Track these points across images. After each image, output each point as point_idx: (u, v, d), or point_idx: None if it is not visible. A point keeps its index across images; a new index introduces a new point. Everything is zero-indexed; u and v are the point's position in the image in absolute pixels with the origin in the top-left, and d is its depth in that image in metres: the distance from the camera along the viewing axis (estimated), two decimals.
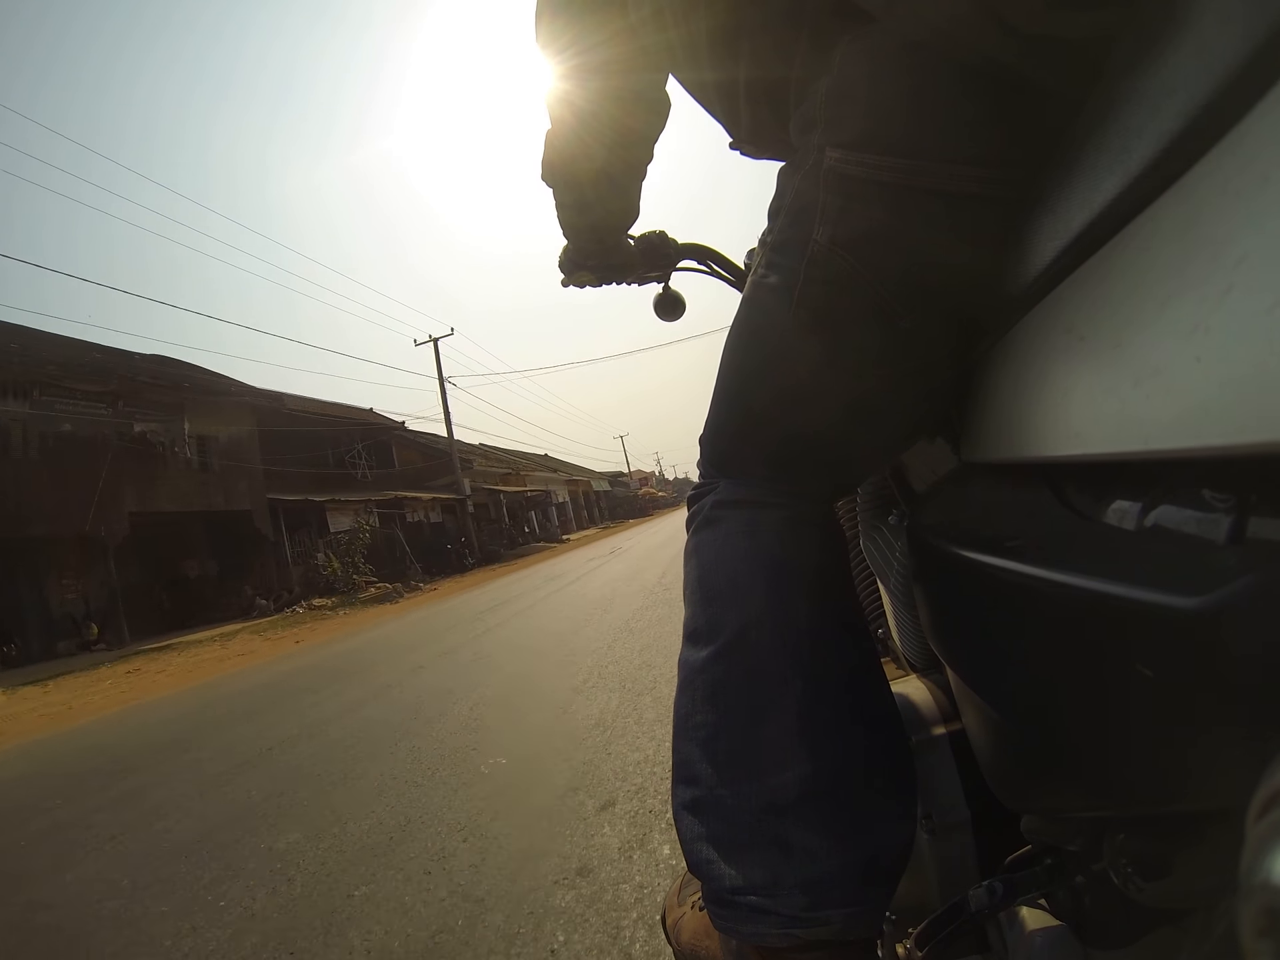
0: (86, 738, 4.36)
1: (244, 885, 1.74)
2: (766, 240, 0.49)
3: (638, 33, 0.55)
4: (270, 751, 3.03)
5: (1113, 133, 0.28)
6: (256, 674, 5.92)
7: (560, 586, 8.68)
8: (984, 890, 0.46)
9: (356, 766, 2.56)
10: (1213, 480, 0.23)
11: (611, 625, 4.63)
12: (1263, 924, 0.14)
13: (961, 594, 0.39)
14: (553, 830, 1.70)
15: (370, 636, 7.33)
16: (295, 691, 4.53)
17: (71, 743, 4.29)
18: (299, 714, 3.72)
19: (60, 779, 3.29)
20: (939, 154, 0.37)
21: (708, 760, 0.47)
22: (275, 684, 5.09)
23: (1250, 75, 0.21)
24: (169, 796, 2.65)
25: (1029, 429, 0.34)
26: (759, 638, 0.47)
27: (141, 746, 3.73)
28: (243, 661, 7.16)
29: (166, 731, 4.04)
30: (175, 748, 3.47)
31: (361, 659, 5.61)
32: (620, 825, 1.65)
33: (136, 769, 3.17)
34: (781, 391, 0.49)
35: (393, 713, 3.34)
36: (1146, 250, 0.25)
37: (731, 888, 0.44)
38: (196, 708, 4.71)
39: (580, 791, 1.90)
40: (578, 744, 2.30)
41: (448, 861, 1.65)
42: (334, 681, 4.61)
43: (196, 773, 2.90)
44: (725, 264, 0.93)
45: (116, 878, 1.94)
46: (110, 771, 3.22)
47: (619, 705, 2.69)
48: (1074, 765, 0.33)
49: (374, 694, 3.90)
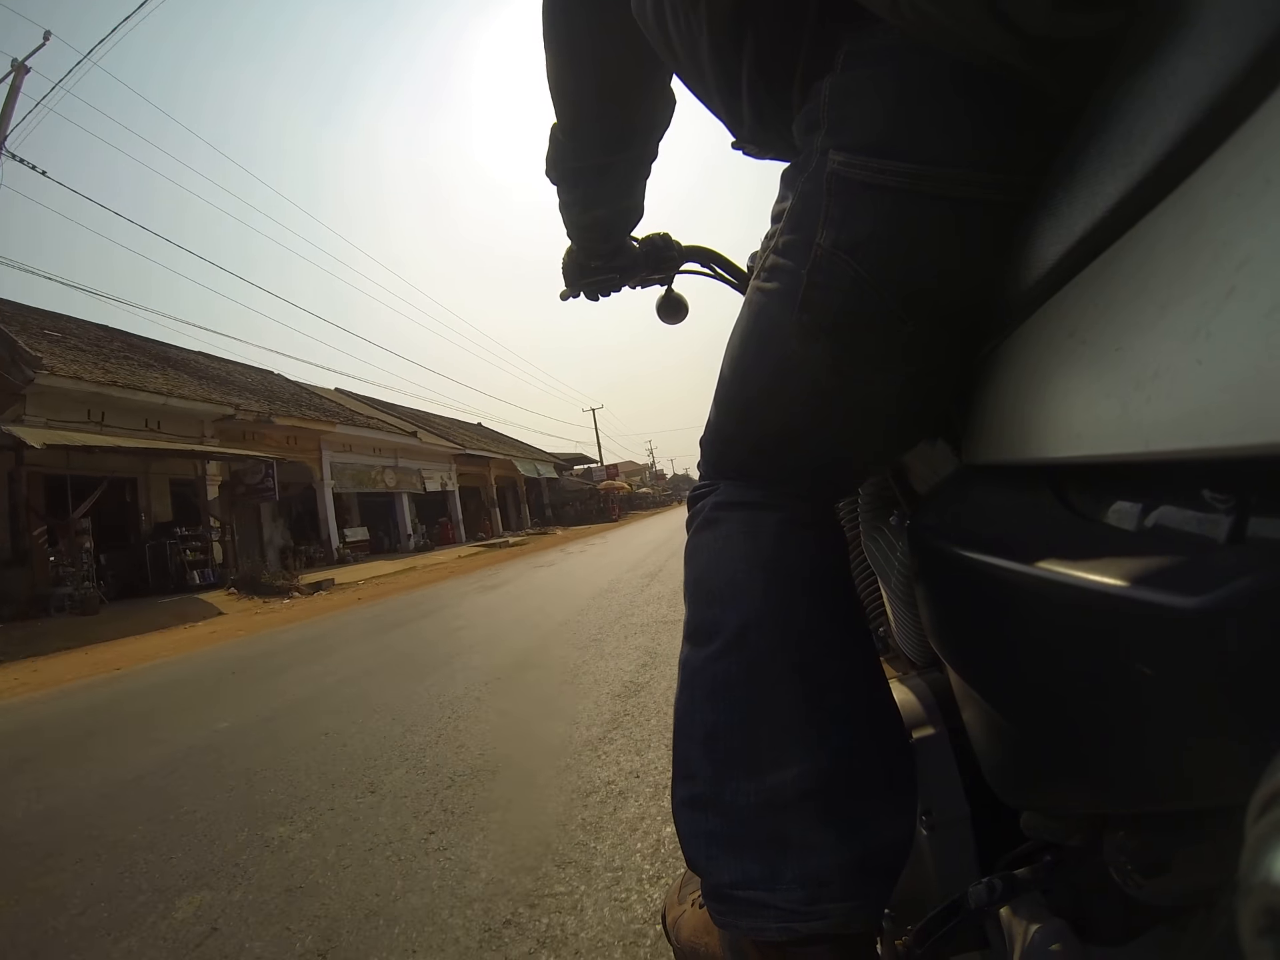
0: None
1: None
2: (769, 243, 0.49)
3: (639, 28, 0.55)
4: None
5: (1116, 136, 0.28)
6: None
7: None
8: (983, 887, 0.47)
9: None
10: (1213, 481, 0.23)
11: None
12: (1263, 923, 0.15)
13: (962, 594, 0.39)
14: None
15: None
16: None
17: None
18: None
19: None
20: (943, 158, 0.37)
21: (707, 758, 0.47)
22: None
23: (1253, 78, 0.21)
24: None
25: (1030, 431, 0.34)
26: (758, 637, 0.47)
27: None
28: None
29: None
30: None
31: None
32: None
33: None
34: (782, 395, 0.49)
35: None
36: (1148, 254, 0.25)
37: (730, 882, 0.44)
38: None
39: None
40: None
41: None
42: None
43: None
44: (728, 266, 0.93)
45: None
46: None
47: None
48: (1073, 763, 0.33)
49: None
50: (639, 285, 0.95)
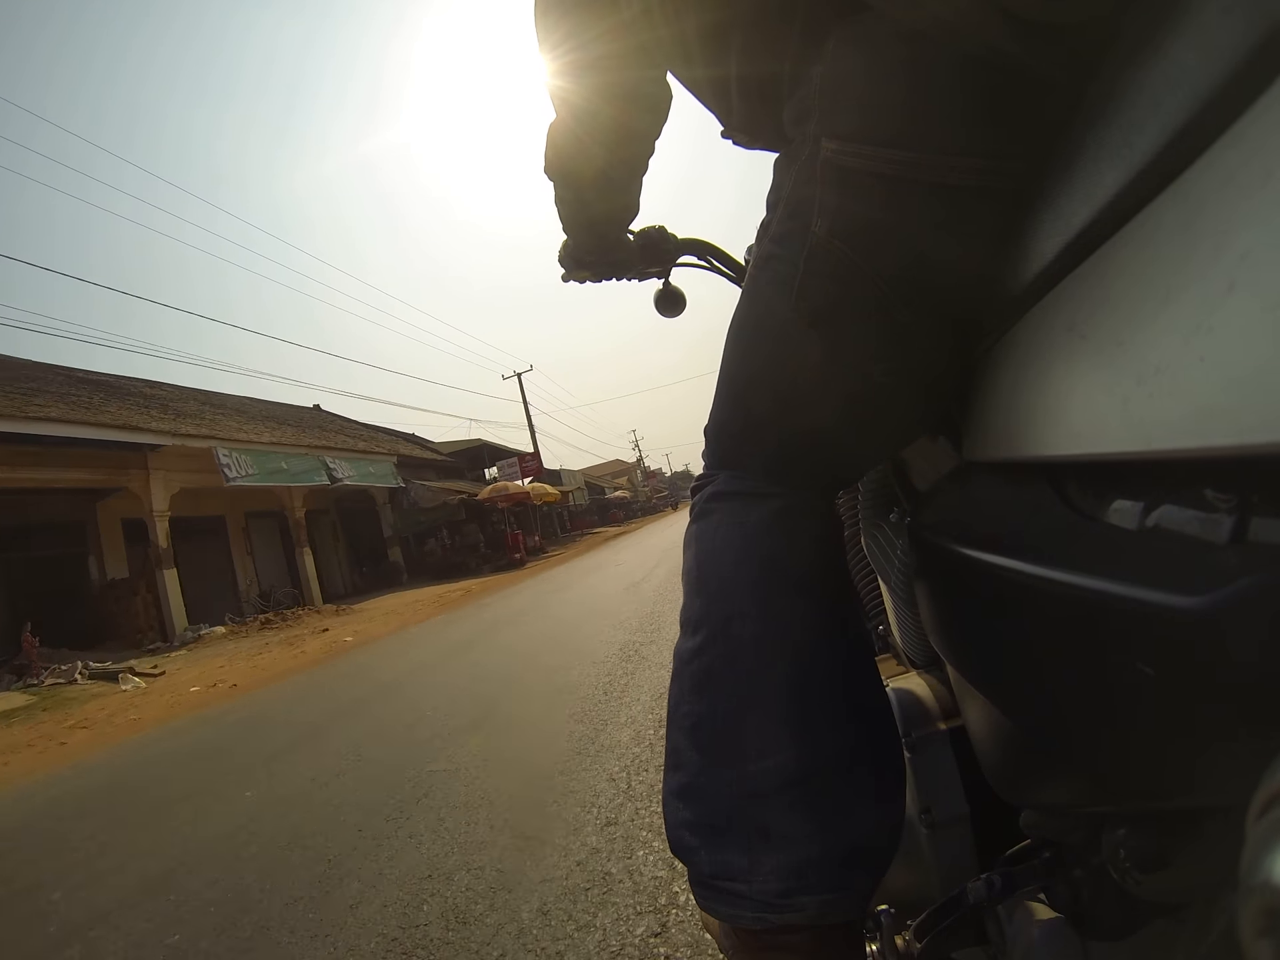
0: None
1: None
2: (765, 232, 0.49)
3: (629, 29, 0.55)
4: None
5: (1114, 127, 0.28)
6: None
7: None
8: (983, 883, 0.47)
9: None
10: (1215, 480, 0.23)
11: None
12: (1262, 924, 0.15)
13: (962, 592, 0.39)
14: None
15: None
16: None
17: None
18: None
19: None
20: (937, 146, 0.37)
21: (693, 748, 0.48)
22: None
23: (1252, 69, 0.20)
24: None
25: (1031, 428, 0.34)
26: (743, 628, 0.47)
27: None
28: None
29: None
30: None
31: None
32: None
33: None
34: (780, 384, 0.49)
35: None
36: (1148, 247, 0.25)
37: (711, 872, 0.45)
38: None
39: None
40: None
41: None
42: None
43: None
44: (725, 259, 0.93)
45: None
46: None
47: None
48: (1073, 761, 0.33)
49: None
50: (636, 278, 0.95)
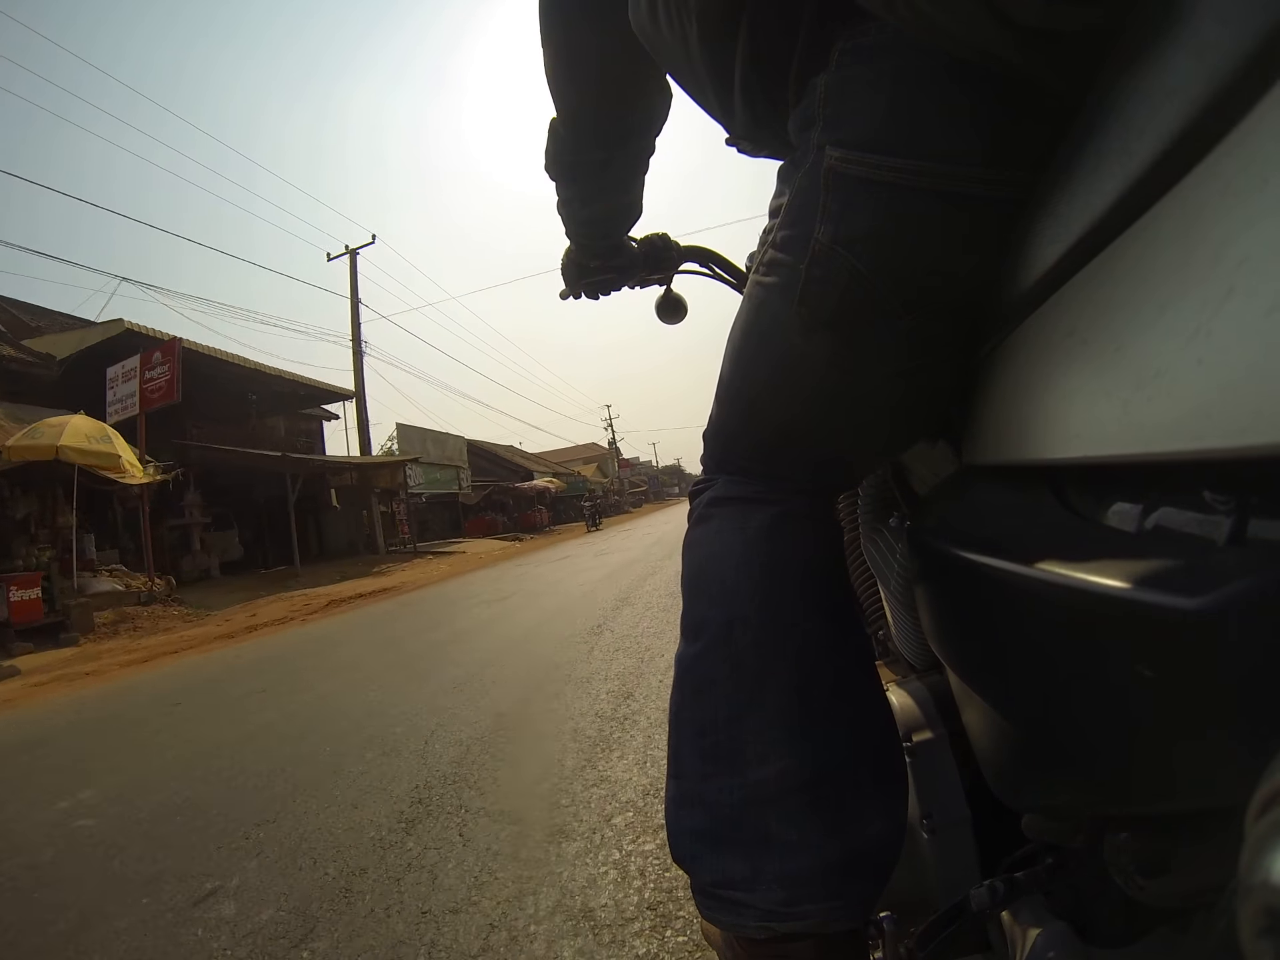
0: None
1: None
2: (767, 238, 0.50)
3: (632, 27, 0.55)
4: None
5: (1113, 134, 0.28)
6: None
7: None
8: (985, 889, 0.46)
9: None
10: (1213, 482, 0.23)
11: None
12: (1262, 923, 0.15)
13: (962, 596, 0.39)
14: None
15: None
16: None
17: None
18: None
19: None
20: (940, 154, 0.37)
21: (694, 755, 0.48)
22: None
23: (1249, 77, 0.21)
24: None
25: (1030, 431, 0.34)
26: (743, 633, 0.47)
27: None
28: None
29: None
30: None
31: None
32: None
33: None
34: (781, 389, 0.49)
35: None
36: (1148, 252, 0.25)
37: (713, 881, 0.45)
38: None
39: None
40: None
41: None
42: None
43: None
44: (727, 266, 0.93)
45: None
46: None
47: None
48: (1074, 765, 0.33)
49: None
50: (638, 285, 0.95)
